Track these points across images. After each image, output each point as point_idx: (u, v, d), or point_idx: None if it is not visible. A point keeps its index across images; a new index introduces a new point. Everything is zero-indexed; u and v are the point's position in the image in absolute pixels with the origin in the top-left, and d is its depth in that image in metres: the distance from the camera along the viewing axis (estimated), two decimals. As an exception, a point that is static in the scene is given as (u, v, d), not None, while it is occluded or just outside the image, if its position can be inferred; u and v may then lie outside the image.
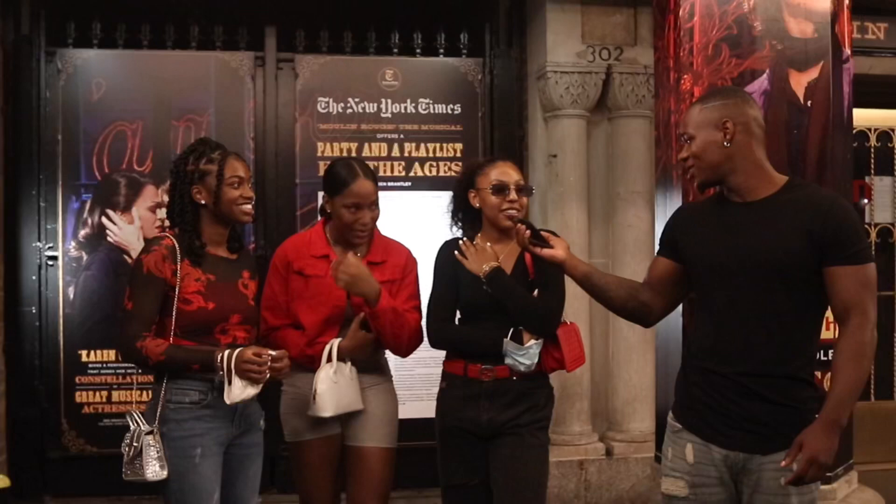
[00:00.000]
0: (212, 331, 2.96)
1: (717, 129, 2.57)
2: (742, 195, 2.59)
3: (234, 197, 3.00)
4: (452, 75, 5.26)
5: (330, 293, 3.24)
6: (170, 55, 5.07)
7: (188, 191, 3.00)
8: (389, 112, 5.20)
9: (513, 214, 3.22)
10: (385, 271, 3.33)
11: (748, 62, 3.77)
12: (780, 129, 3.79)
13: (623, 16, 5.09)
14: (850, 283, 2.46)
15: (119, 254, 4.94)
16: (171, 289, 2.92)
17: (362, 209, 3.24)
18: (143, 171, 4.98)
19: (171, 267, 2.92)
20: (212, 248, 3.04)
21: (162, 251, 2.93)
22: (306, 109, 5.13)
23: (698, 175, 2.65)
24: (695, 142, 2.62)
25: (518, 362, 3.15)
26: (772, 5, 3.80)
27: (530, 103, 5.32)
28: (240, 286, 3.08)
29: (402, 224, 4.59)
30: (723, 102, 2.61)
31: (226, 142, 4.55)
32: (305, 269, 3.28)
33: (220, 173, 2.98)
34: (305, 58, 5.15)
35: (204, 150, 3.04)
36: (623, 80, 5.08)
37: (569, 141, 5.09)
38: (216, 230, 3.06)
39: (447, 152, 5.23)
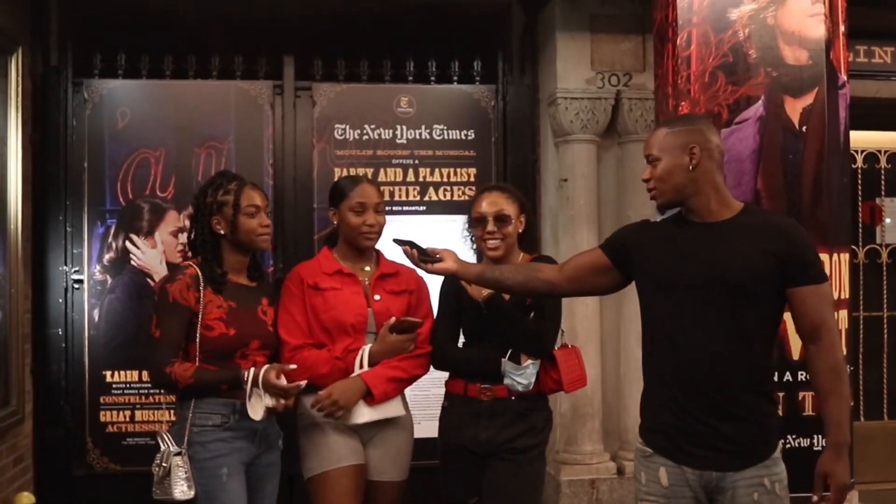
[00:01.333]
0: (233, 356, 3.30)
1: (684, 153, 2.81)
2: (702, 216, 2.84)
3: (251, 226, 3.36)
4: (466, 102, 5.74)
5: (349, 301, 3.51)
6: (192, 84, 5.56)
7: (208, 222, 3.38)
8: (404, 138, 5.68)
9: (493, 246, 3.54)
10: (400, 282, 3.63)
11: (744, 89, 4.23)
12: (775, 154, 4.22)
13: (632, 43, 5.55)
14: (817, 302, 2.73)
15: (142, 277, 5.42)
16: (194, 316, 3.26)
17: (367, 210, 3.53)
18: (165, 197, 5.47)
19: (194, 295, 3.27)
20: (233, 276, 3.40)
21: (186, 280, 3.29)
22: (323, 136, 5.61)
23: (660, 196, 2.87)
24: (660, 164, 2.85)
25: (516, 382, 3.44)
26: (766, 33, 4.26)
27: (542, 129, 5.79)
28: (259, 313, 3.42)
29: None
30: (689, 128, 2.86)
31: (245, 168, 5.23)
32: (320, 283, 3.52)
33: (237, 203, 3.35)
34: (322, 86, 5.64)
35: (222, 182, 3.42)
36: (632, 105, 5.52)
37: (579, 165, 5.53)
38: (236, 258, 3.42)
39: (461, 177, 5.71)
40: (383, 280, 3.63)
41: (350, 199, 3.56)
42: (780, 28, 4.29)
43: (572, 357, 3.58)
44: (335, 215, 3.63)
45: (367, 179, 3.67)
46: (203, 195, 3.43)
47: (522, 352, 3.49)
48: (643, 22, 5.45)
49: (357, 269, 3.62)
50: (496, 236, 3.57)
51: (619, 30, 5.56)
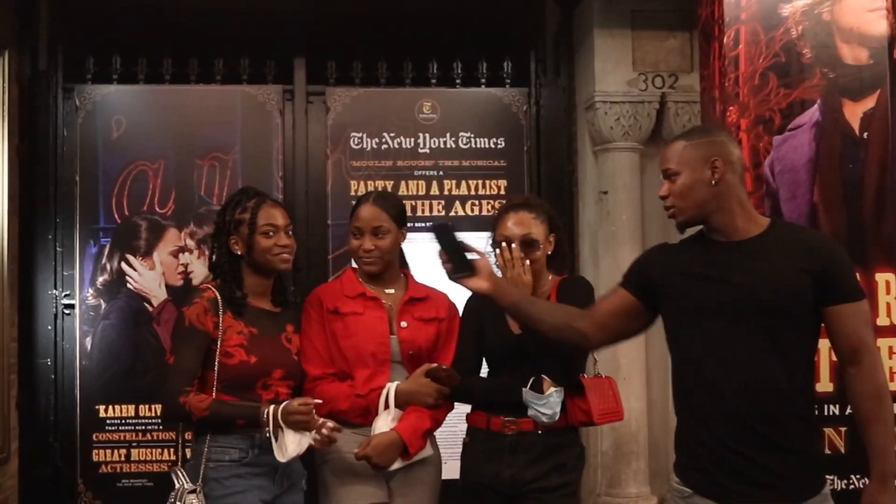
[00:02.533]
0: (254, 386, 3.42)
1: (705, 167, 2.90)
2: (727, 234, 2.92)
3: (268, 246, 3.49)
4: (495, 106, 5.87)
5: (372, 328, 3.63)
6: (193, 90, 5.73)
7: (226, 242, 3.53)
8: (427, 147, 5.81)
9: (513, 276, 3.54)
10: (430, 308, 3.74)
11: (798, 92, 4.34)
12: (833, 162, 4.31)
13: (677, 40, 5.66)
14: (855, 321, 2.80)
15: (139, 301, 5.56)
16: (213, 342, 3.39)
17: (363, 235, 3.68)
18: (165, 214, 5.61)
19: (213, 319, 3.40)
20: (254, 300, 3.54)
21: (203, 304, 3.41)
22: (338, 145, 5.75)
23: (681, 214, 2.96)
24: (679, 178, 2.94)
25: (539, 413, 3.50)
26: (822, 31, 4.36)
27: (579, 136, 5.90)
28: (283, 340, 3.55)
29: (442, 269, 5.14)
30: (710, 140, 2.95)
31: (252, 181, 5.37)
32: (341, 307, 3.65)
33: (253, 222, 3.49)
34: (337, 90, 5.78)
35: (241, 199, 3.57)
36: (679, 109, 5.63)
37: (620, 176, 5.65)
38: (257, 281, 3.56)
39: (490, 190, 5.82)
40: (411, 305, 3.73)
41: (351, 222, 3.73)
42: (838, 25, 4.39)
43: (605, 387, 3.64)
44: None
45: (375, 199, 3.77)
46: (222, 213, 3.58)
47: (550, 377, 3.55)
48: (690, 17, 5.53)
49: (382, 292, 3.73)
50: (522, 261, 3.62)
51: (664, 26, 5.66)
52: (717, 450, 2.84)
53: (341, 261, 5.64)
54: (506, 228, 3.66)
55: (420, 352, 3.71)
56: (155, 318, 5.54)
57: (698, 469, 2.90)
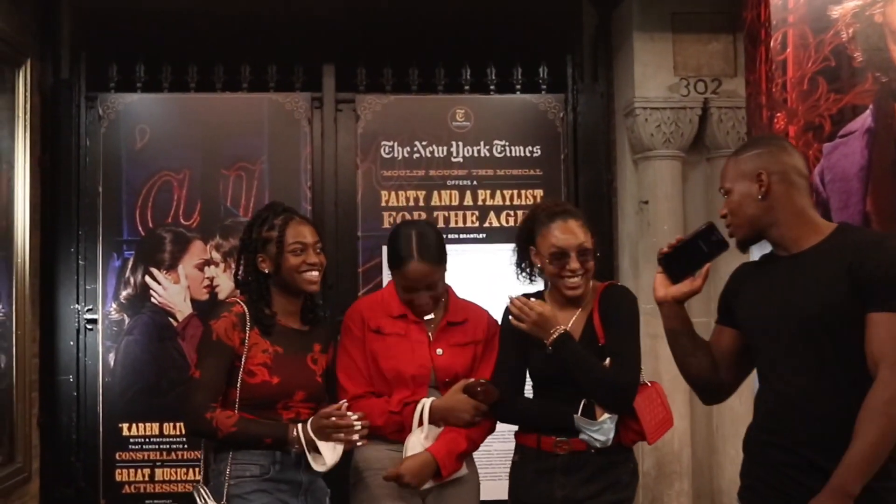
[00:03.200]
0: (274, 406, 3.48)
1: (752, 182, 2.97)
2: (787, 248, 2.96)
3: (295, 264, 3.53)
4: (531, 113, 5.92)
5: (412, 352, 3.70)
6: (219, 98, 5.81)
7: (253, 259, 3.59)
8: (461, 156, 5.86)
9: (574, 285, 3.61)
10: (467, 331, 3.79)
11: (849, 97, 4.30)
12: (887, 171, 4.25)
13: (721, 43, 5.67)
14: (883, 331, 2.72)
15: (164, 316, 5.63)
16: (237, 358, 3.45)
17: (417, 291, 3.71)
18: (190, 226, 5.69)
19: (240, 335, 3.46)
20: (282, 319, 3.59)
21: (232, 318, 3.48)
22: (368, 154, 5.81)
23: (736, 232, 3.04)
24: (732, 196, 3.02)
25: (592, 438, 3.52)
26: (874, 33, 4.32)
27: (618, 143, 5.93)
28: (308, 361, 3.60)
29: (477, 282, 5.14)
30: (756, 152, 3.01)
31: (280, 192, 5.46)
32: (384, 327, 3.72)
33: (281, 240, 3.54)
34: (367, 98, 5.84)
35: (268, 215, 3.63)
36: (722, 115, 5.64)
37: (661, 185, 5.67)
38: (286, 300, 3.61)
39: (526, 200, 5.85)
40: (449, 330, 3.79)
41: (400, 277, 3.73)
42: (891, 27, 4.35)
43: (653, 397, 3.63)
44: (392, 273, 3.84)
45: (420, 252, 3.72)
46: (249, 230, 3.63)
47: (598, 404, 3.55)
48: (733, 19, 5.56)
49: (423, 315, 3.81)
50: (579, 273, 3.64)
51: (706, 29, 5.67)
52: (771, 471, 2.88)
53: (371, 273, 5.71)
54: (557, 238, 3.64)
55: (456, 378, 3.74)
56: (180, 334, 5.61)
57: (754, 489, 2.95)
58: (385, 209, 5.79)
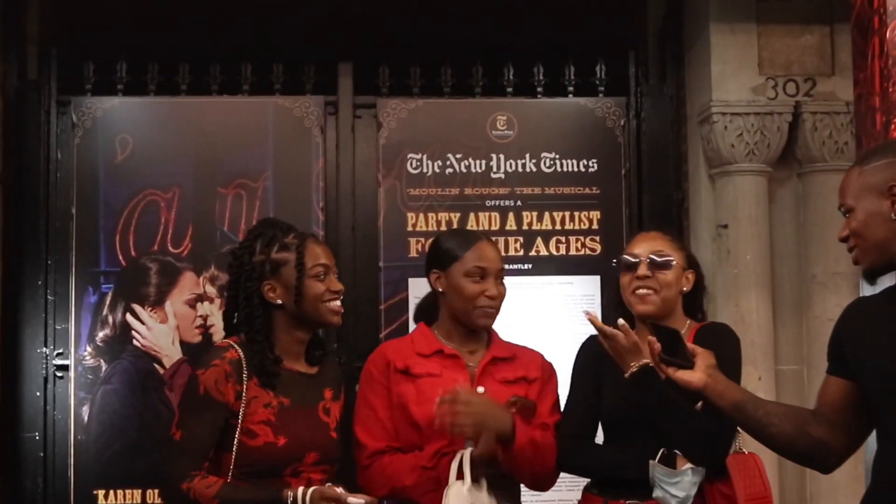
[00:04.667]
0: (281, 473, 3.29)
1: (883, 197, 2.80)
2: None
3: (321, 292, 3.38)
4: (586, 121, 5.71)
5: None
6: (215, 103, 5.63)
7: (257, 289, 3.37)
8: (502, 171, 5.65)
9: (644, 295, 3.57)
10: (518, 368, 3.66)
11: None
12: None
13: (815, 36, 5.50)
14: None
15: (148, 362, 5.39)
16: (232, 416, 3.27)
17: (488, 277, 3.60)
18: (179, 254, 5.48)
19: (235, 388, 3.27)
20: (287, 362, 3.41)
21: (224, 367, 3.27)
22: (392, 169, 5.60)
23: (862, 258, 2.87)
24: (854, 215, 2.85)
25: (669, 494, 3.36)
26: None
27: (691, 156, 5.74)
28: (320, 412, 3.43)
29: (522, 319, 4.98)
30: (888, 161, 2.84)
31: (287, 213, 5.24)
32: (413, 367, 3.58)
33: (301, 263, 3.36)
34: (391, 102, 5.65)
35: (274, 233, 3.43)
36: (817, 121, 5.44)
37: (744, 205, 5.43)
38: (295, 337, 3.44)
39: (580, 223, 5.64)
40: (494, 366, 3.66)
41: (465, 262, 3.62)
42: None
43: (752, 466, 3.48)
44: (440, 280, 3.69)
45: (486, 237, 3.75)
46: (248, 252, 3.43)
47: (685, 455, 3.41)
48: (831, 7, 5.40)
49: (463, 350, 3.68)
50: (649, 284, 3.57)
51: (797, 19, 5.53)
52: None
53: (396, 311, 5.55)
54: (634, 247, 3.69)
55: None
56: (167, 383, 5.40)
57: None
58: (412, 234, 5.61)
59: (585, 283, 5.57)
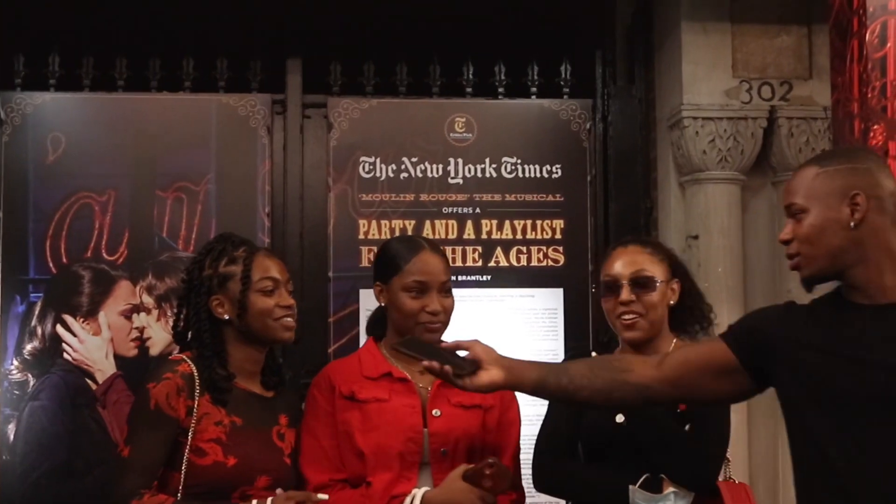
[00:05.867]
0: (229, 495, 3.31)
1: (842, 204, 2.79)
2: (871, 296, 2.81)
3: (268, 307, 3.42)
4: (549, 124, 5.77)
5: (400, 420, 3.51)
6: (154, 100, 5.65)
7: (206, 303, 3.45)
8: (460, 176, 5.70)
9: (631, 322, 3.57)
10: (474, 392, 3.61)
11: None
12: None
13: (792, 37, 5.57)
14: None
15: (79, 377, 5.38)
16: (182, 433, 3.31)
17: (429, 292, 3.58)
18: (115, 261, 5.48)
19: (186, 403, 3.32)
20: (241, 381, 3.45)
21: (177, 381, 3.32)
22: (343, 173, 5.64)
23: (807, 265, 2.85)
24: (807, 217, 2.84)
25: None
26: None
27: (660, 162, 5.81)
28: (274, 436, 3.46)
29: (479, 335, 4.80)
30: (852, 166, 2.83)
31: (231, 219, 5.31)
32: (359, 392, 3.56)
33: (247, 276, 3.42)
34: (343, 101, 5.69)
35: (224, 247, 3.51)
36: (793, 127, 5.52)
37: (715, 216, 5.51)
38: (247, 355, 3.48)
39: (543, 233, 5.70)
40: (448, 387, 3.55)
41: (404, 276, 3.61)
42: None
43: (741, 495, 3.51)
44: (382, 293, 3.69)
45: (430, 245, 3.73)
46: (198, 267, 3.50)
47: (673, 478, 3.42)
48: (809, 7, 5.47)
49: (414, 371, 3.62)
50: (634, 309, 3.58)
51: (774, 18, 5.60)
52: None
53: (345, 325, 5.57)
54: (613, 266, 3.67)
55: (455, 449, 3.57)
56: (100, 399, 5.38)
57: None
58: (363, 243, 5.64)
59: (548, 296, 5.61)
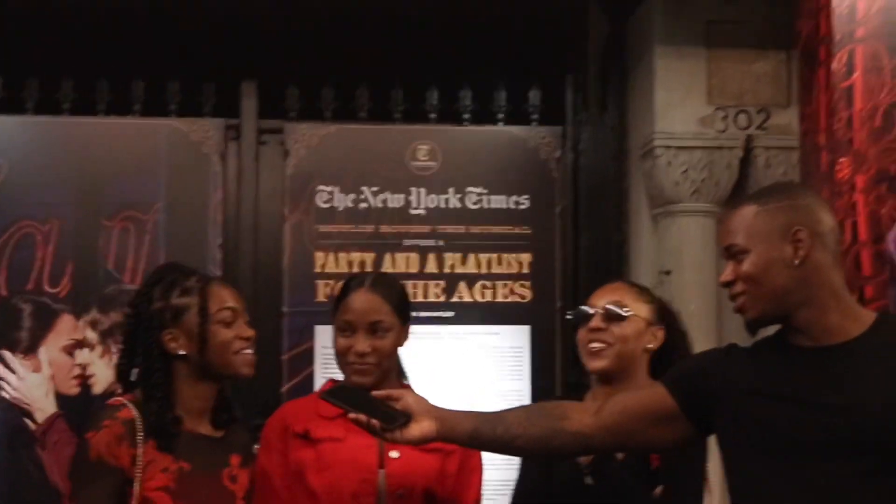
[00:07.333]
0: None
1: (784, 241, 2.81)
2: (815, 337, 2.81)
3: (228, 339, 3.39)
4: (517, 152, 5.87)
5: (353, 460, 3.52)
6: (101, 124, 5.73)
7: (157, 338, 3.37)
8: (423, 207, 5.81)
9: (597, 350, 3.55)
10: None
11: None
12: None
13: (769, 63, 5.65)
14: None
15: (18, 416, 5.46)
16: (128, 482, 3.24)
17: (356, 332, 3.59)
18: (57, 295, 5.55)
19: (129, 451, 3.25)
20: (189, 422, 3.39)
21: (117, 428, 3.25)
22: (300, 203, 5.74)
23: (752, 307, 2.84)
24: (749, 258, 2.83)
25: None
26: None
27: (633, 193, 5.91)
28: (225, 479, 3.42)
29: (441, 373, 5.16)
30: (791, 203, 2.86)
31: (181, 250, 5.40)
32: (314, 430, 3.57)
33: (204, 308, 3.37)
34: (300, 127, 5.77)
35: (174, 277, 3.45)
36: (771, 157, 5.62)
37: (689, 250, 5.61)
38: (199, 392, 3.43)
39: (509, 266, 5.79)
40: None
41: (338, 315, 3.67)
42: None
43: None
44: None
45: (374, 283, 3.71)
46: (146, 300, 3.46)
47: None
48: (788, 31, 5.46)
49: None
50: (602, 338, 3.58)
51: (751, 43, 5.68)
52: None
53: (300, 362, 5.64)
54: (592, 297, 3.70)
55: (412, 493, 3.60)
56: (39, 441, 5.46)
57: None
58: (320, 276, 5.73)
59: (514, 333, 5.68)
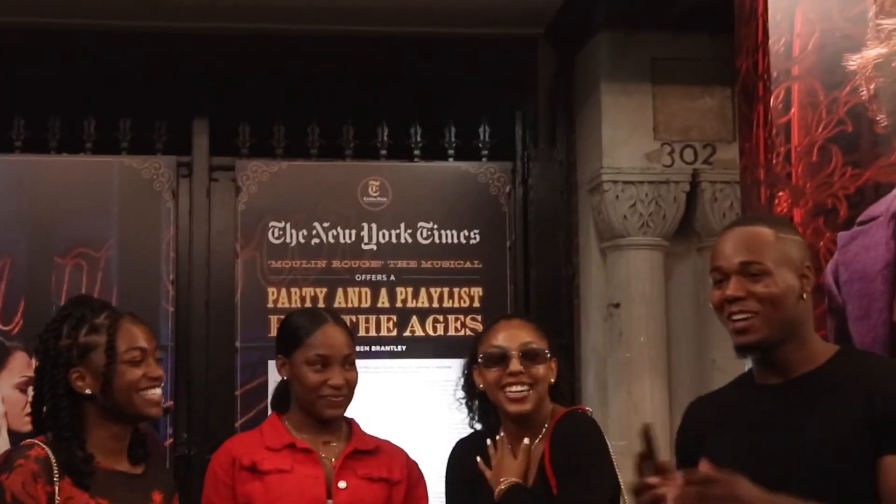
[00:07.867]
0: None
1: (797, 274, 2.92)
2: (783, 371, 2.93)
3: (135, 379, 3.32)
4: (467, 187, 6.01)
5: (301, 492, 3.58)
6: (53, 162, 5.83)
7: (64, 377, 3.29)
8: (374, 242, 5.92)
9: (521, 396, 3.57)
10: (380, 465, 3.71)
11: (870, 172, 4.20)
12: None
13: (715, 99, 5.80)
14: None
15: None
16: None
17: (332, 366, 3.64)
18: (9, 332, 5.64)
19: (45, 489, 3.19)
20: (104, 460, 3.34)
21: (31, 467, 3.19)
22: (252, 239, 5.85)
23: (759, 329, 2.88)
24: (770, 280, 2.89)
25: None
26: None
27: (581, 228, 6.02)
28: None
29: (393, 407, 5.27)
30: (800, 238, 3.01)
31: (133, 287, 5.53)
32: (261, 463, 3.61)
33: (111, 346, 3.30)
34: (251, 164, 5.90)
35: (83, 314, 3.36)
36: (717, 191, 5.76)
37: (637, 283, 5.76)
38: (111, 433, 3.38)
39: (460, 301, 5.93)
40: (355, 459, 3.72)
41: (307, 349, 3.69)
42: (925, 82, 4.40)
43: None
44: (284, 366, 3.76)
45: (334, 318, 3.79)
46: (54, 336, 3.38)
47: None
48: (732, 68, 5.48)
49: (318, 443, 3.73)
50: (523, 381, 3.60)
51: (697, 79, 5.82)
52: None
53: (253, 398, 5.70)
54: (498, 337, 3.69)
55: None
56: None
57: None
58: (272, 311, 5.80)
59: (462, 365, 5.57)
